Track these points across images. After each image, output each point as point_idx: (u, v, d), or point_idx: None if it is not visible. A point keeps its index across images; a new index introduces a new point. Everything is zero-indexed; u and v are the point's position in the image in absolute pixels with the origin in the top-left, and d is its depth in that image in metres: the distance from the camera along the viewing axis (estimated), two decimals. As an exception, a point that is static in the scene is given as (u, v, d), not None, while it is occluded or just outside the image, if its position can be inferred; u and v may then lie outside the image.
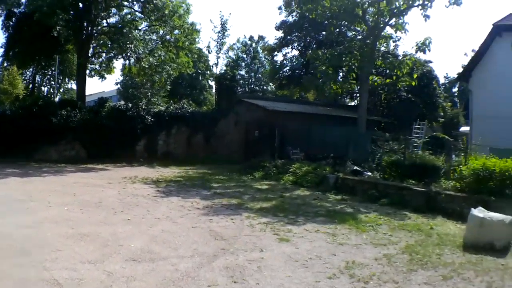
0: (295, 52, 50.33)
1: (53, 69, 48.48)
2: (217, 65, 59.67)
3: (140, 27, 37.64)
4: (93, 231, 10.35)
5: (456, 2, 25.22)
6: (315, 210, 14.40)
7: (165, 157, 32.43)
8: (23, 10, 37.52)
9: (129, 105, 34.10)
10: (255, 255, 8.85)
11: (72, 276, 7.29)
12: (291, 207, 14.77)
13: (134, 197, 15.98)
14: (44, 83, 53.62)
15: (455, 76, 65.48)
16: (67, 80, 53.99)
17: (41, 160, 28.14)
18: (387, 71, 33.10)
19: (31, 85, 49.81)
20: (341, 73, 35.67)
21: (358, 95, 40.31)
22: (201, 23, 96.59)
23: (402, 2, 26.12)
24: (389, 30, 29.50)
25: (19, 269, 7.51)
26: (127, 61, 38.14)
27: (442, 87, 59.81)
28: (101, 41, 37.85)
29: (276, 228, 11.36)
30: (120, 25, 35.95)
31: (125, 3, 36.30)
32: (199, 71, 60.39)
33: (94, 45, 37.67)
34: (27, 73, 50.05)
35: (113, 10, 36.90)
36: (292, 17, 48.03)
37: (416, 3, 25.74)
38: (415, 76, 28.52)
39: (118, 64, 50.43)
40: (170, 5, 35.44)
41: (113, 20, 37.58)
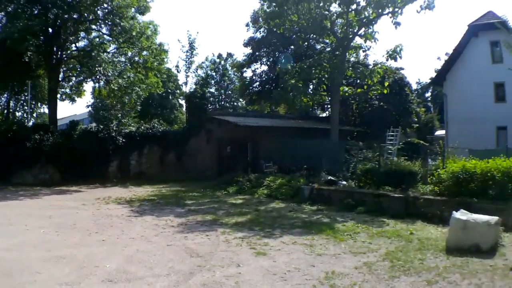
0: (264, 68, 50.28)
1: (26, 94, 48.21)
2: (186, 84, 59.71)
3: (108, 50, 37.57)
4: (69, 253, 10.24)
5: (429, 7, 24.87)
6: (291, 222, 14.23)
7: (138, 176, 32.28)
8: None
9: (100, 127, 34.00)
10: (232, 271, 8.71)
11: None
12: (267, 220, 14.58)
13: (108, 217, 15.82)
14: (18, 108, 53.30)
15: (427, 81, 66.18)
16: (39, 104, 53.76)
17: (18, 184, 28.13)
18: (358, 80, 33.06)
19: (5, 111, 49.35)
20: (311, 86, 35.49)
21: (329, 106, 40.18)
22: (169, 43, 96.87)
23: (371, 12, 26.06)
24: (358, 40, 29.65)
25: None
26: (96, 84, 37.97)
27: (415, 93, 60.47)
28: (71, 65, 37.80)
29: (252, 242, 11.22)
30: (88, 48, 35.68)
31: (93, 26, 36.07)
32: (169, 90, 60.08)
33: (64, 69, 37.58)
34: (2, 98, 49.73)
35: (82, 34, 36.92)
36: (260, 33, 47.97)
37: (386, 11, 25.59)
38: (386, 84, 28.44)
39: (88, 87, 50.21)
40: (137, 26, 35.36)
41: (82, 43, 37.54)
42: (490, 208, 11.93)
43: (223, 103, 69.02)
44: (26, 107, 50.80)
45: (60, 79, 36.73)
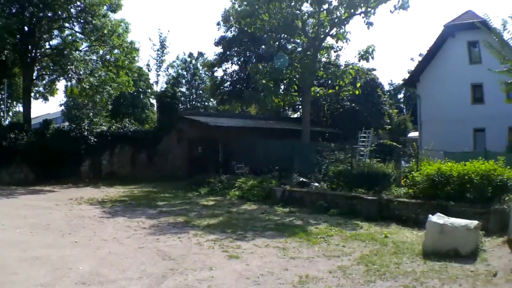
0: (235, 67, 50.02)
1: (2, 93, 47.51)
2: (157, 83, 59.08)
3: (80, 48, 37.61)
4: (44, 254, 10.15)
5: (403, 7, 24.96)
6: (263, 224, 14.08)
7: (110, 176, 31.91)
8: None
9: (73, 126, 33.72)
10: (205, 274, 8.60)
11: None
12: (239, 223, 14.41)
13: (81, 218, 15.63)
14: (-5, 107, 52.48)
15: (400, 83, 66.69)
16: (15, 103, 53.54)
17: (-5, 183, 28.09)
18: (330, 81, 33.00)
19: (-17, 110, 48.60)
20: (282, 86, 35.36)
21: (300, 107, 40.09)
22: (140, 42, 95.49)
23: (343, 11, 26.06)
24: (330, 41, 29.69)
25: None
26: (69, 82, 38.00)
27: (388, 94, 60.78)
28: (44, 64, 37.55)
29: (225, 245, 11.08)
30: (61, 46, 35.77)
31: (67, 24, 36.00)
32: (140, 89, 59.37)
33: (38, 67, 37.35)
34: (-21, 98, 48.94)
35: (56, 32, 36.76)
36: (231, 32, 47.78)
37: (358, 11, 25.64)
38: (358, 85, 28.53)
39: (60, 85, 49.58)
40: (109, 24, 35.24)
41: (55, 42, 37.42)
42: (469, 212, 11.90)
43: (194, 102, 68.72)
44: (3, 106, 50.29)
45: (34, 77, 36.54)
